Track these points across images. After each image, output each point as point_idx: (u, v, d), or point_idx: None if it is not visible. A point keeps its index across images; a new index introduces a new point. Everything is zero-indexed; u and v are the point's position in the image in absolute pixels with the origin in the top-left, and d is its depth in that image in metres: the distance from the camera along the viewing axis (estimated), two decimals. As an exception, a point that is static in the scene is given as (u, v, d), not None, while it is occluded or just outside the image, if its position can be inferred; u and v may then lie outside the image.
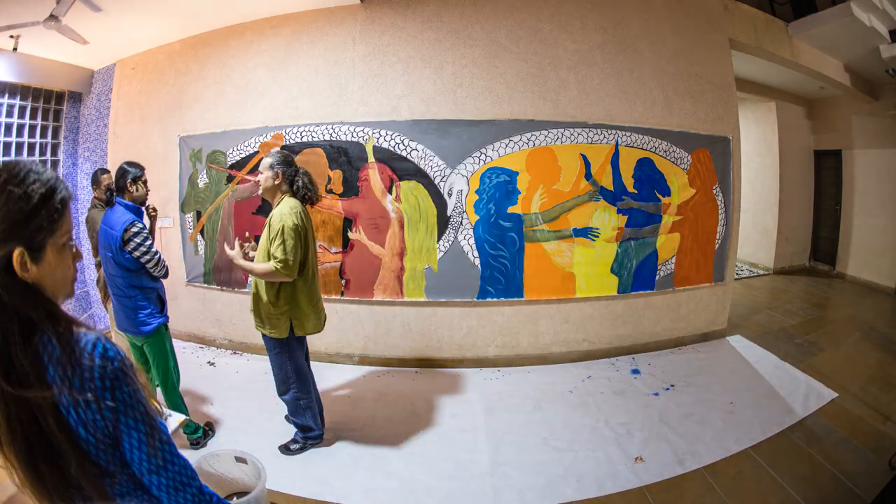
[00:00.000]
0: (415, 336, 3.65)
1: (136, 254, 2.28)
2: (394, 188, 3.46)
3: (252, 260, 2.37)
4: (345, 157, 3.46)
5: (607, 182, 3.57)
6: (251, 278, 2.42)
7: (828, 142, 6.46)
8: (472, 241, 3.50)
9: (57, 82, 4.05)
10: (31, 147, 4.01)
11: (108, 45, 3.79)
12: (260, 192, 2.36)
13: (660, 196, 3.70)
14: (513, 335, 3.67)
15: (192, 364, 3.66)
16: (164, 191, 3.95)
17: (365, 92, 3.45)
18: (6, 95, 3.76)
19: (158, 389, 2.56)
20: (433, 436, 2.75)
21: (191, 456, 2.44)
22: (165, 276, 2.46)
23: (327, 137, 3.47)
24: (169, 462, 0.79)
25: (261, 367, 3.61)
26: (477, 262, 3.52)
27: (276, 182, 2.30)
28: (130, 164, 2.37)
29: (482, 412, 3.00)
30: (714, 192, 3.87)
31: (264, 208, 3.63)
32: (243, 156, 3.64)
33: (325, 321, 2.52)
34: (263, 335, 2.41)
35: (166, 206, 3.96)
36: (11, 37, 3.24)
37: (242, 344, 3.90)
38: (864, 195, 6.00)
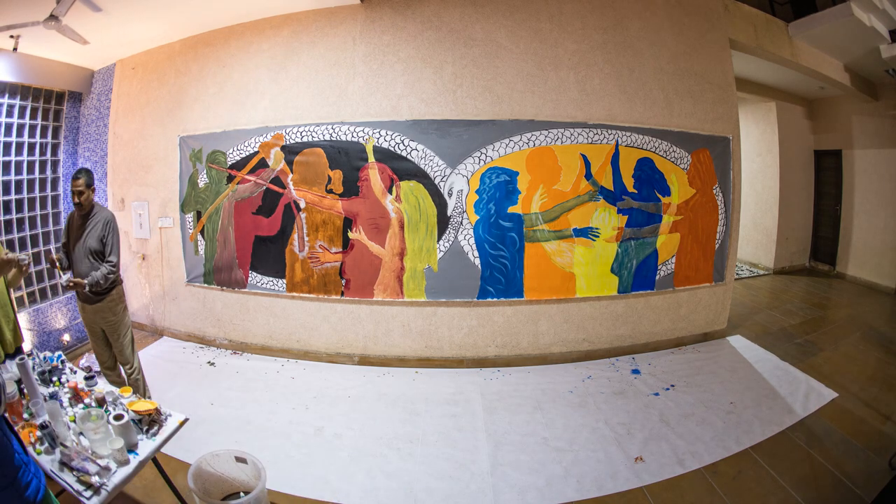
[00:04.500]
0: (415, 336, 3.65)
1: None
2: (394, 188, 3.46)
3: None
4: (345, 156, 3.46)
5: (607, 182, 3.57)
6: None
7: (828, 142, 6.45)
8: (472, 240, 3.50)
9: (57, 82, 4.05)
10: (31, 147, 4.00)
11: (108, 45, 3.79)
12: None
13: (660, 196, 3.70)
14: (513, 335, 3.67)
15: (192, 364, 3.66)
16: (164, 191, 3.96)
17: (365, 92, 3.45)
18: (6, 95, 3.75)
19: None
20: (433, 436, 2.75)
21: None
22: None
23: (327, 137, 3.47)
24: None
25: (261, 367, 3.62)
26: (477, 261, 3.52)
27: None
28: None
29: (482, 412, 3.00)
30: (714, 191, 3.87)
31: (264, 208, 3.64)
32: (243, 156, 3.63)
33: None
34: None
35: (166, 206, 3.97)
36: (11, 37, 3.23)
37: (242, 344, 3.90)
38: (864, 195, 5.99)
